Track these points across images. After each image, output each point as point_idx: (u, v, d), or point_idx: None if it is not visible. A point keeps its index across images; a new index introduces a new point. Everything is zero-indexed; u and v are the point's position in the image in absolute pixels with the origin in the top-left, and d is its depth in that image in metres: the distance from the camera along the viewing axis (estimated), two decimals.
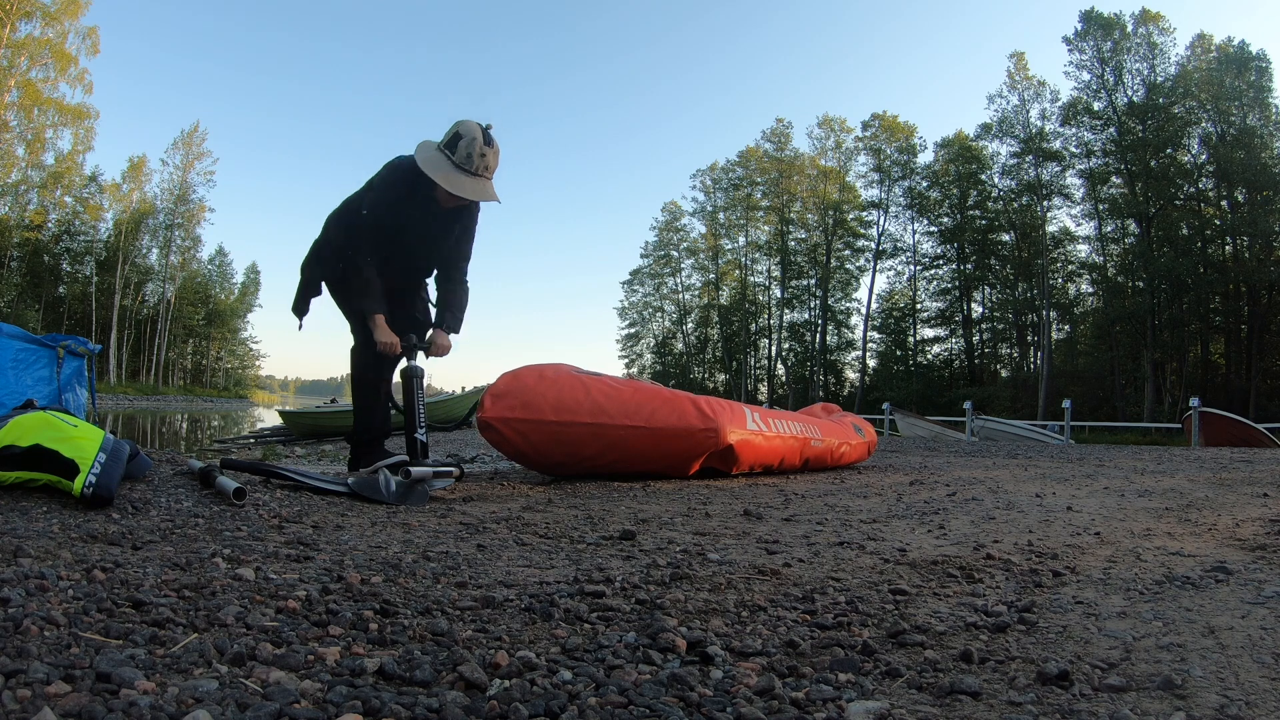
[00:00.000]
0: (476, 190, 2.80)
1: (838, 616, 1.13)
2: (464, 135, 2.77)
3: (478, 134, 2.78)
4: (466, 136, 2.77)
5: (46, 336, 3.55)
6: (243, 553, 1.44)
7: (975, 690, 0.83)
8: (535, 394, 3.07)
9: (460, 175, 2.77)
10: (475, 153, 2.77)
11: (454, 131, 2.81)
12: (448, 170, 2.77)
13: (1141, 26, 30.69)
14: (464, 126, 2.80)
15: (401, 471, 2.60)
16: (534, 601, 1.17)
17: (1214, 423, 13.01)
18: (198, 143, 44.59)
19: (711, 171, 44.91)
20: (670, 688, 0.83)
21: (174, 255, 45.41)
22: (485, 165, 2.81)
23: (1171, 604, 1.21)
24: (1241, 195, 28.40)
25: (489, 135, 2.81)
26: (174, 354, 49.20)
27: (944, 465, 4.95)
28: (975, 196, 36.96)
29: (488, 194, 2.84)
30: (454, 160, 2.78)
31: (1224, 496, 2.95)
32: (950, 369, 38.30)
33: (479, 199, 2.85)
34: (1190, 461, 5.53)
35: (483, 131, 2.80)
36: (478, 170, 2.79)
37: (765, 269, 44.05)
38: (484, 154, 2.78)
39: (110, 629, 0.90)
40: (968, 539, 1.88)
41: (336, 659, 0.87)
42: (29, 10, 30.89)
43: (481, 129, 2.80)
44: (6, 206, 36.45)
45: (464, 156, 2.77)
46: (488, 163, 2.81)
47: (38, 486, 1.90)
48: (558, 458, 3.18)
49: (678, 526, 2.04)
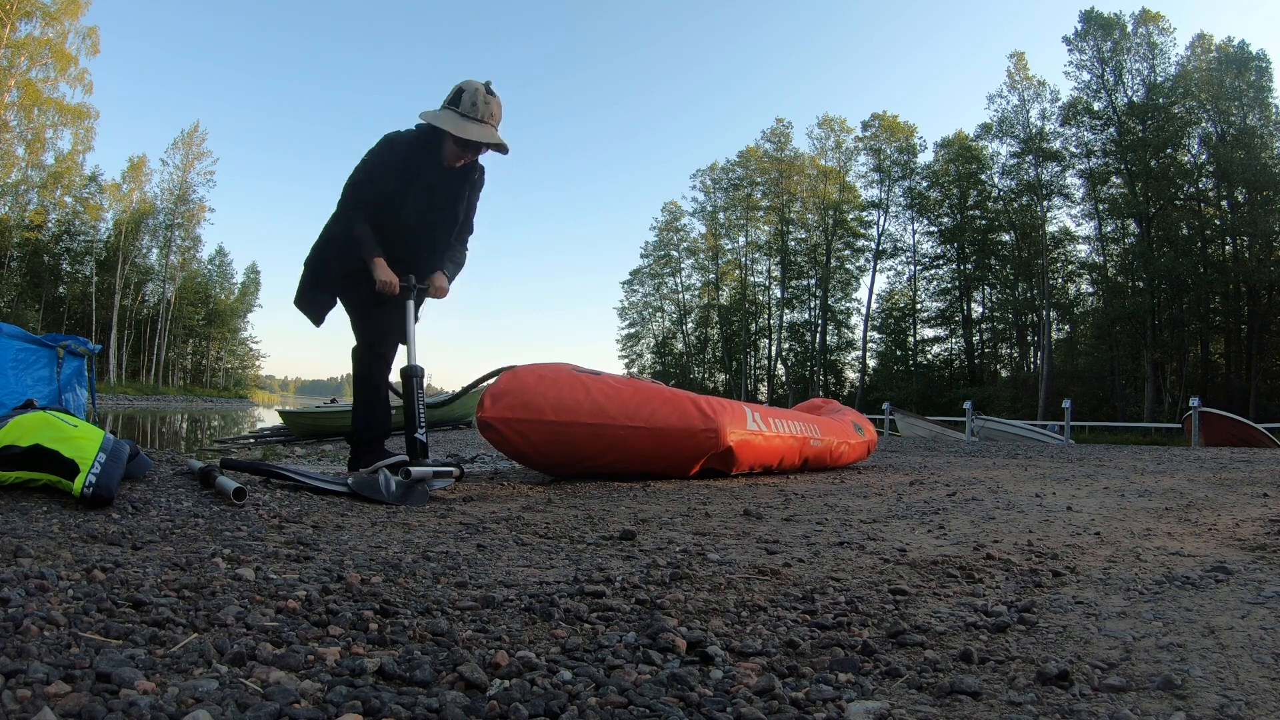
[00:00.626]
0: (483, 134, 2.85)
1: (838, 616, 1.13)
2: (466, 89, 2.85)
3: (480, 86, 2.86)
4: (469, 89, 2.85)
5: (46, 336, 3.55)
6: (243, 553, 1.44)
7: (975, 690, 0.83)
8: (535, 394, 3.06)
9: (467, 122, 2.83)
10: (480, 101, 2.84)
11: (456, 88, 2.88)
12: (454, 119, 2.83)
13: (1141, 26, 30.71)
14: (466, 83, 2.88)
15: (401, 471, 2.60)
16: (534, 601, 1.17)
17: (1214, 423, 13.01)
18: (198, 143, 44.65)
19: (711, 171, 44.96)
20: (670, 688, 0.83)
21: (174, 255, 45.44)
22: (490, 113, 2.87)
23: (1171, 604, 1.21)
24: (1241, 195, 28.40)
25: (490, 88, 2.88)
26: (174, 354, 49.20)
27: (944, 465, 4.95)
28: (975, 196, 36.99)
29: (494, 137, 2.89)
30: (459, 111, 2.84)
31: (1224, 496, 2.94)
32: (950, 369, 38.31)
33: (486, 140, 2.88)
34: (1190, 461, 5.53)
35: (484, 85, 2.88)
36: (483, 117, 2.85)
37: (765, 269, 44.11)
38: (488, 101, 2.85)
39: (110, 629, 0.90)
40: (968, 539, 1.88)
41: (336, 659, 0.87)
42: (29, 10, 30.90)
43: (483, 83, 2.88)
44: (6, 206, 36.48)
45: (469, 105, 2.83)
46: (492, 110, 2.87)
47: (38, 486, 1.90)
48: (558, 458, 3.17)
49: (678, 526, 2.04)
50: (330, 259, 3.10)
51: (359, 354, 3.10)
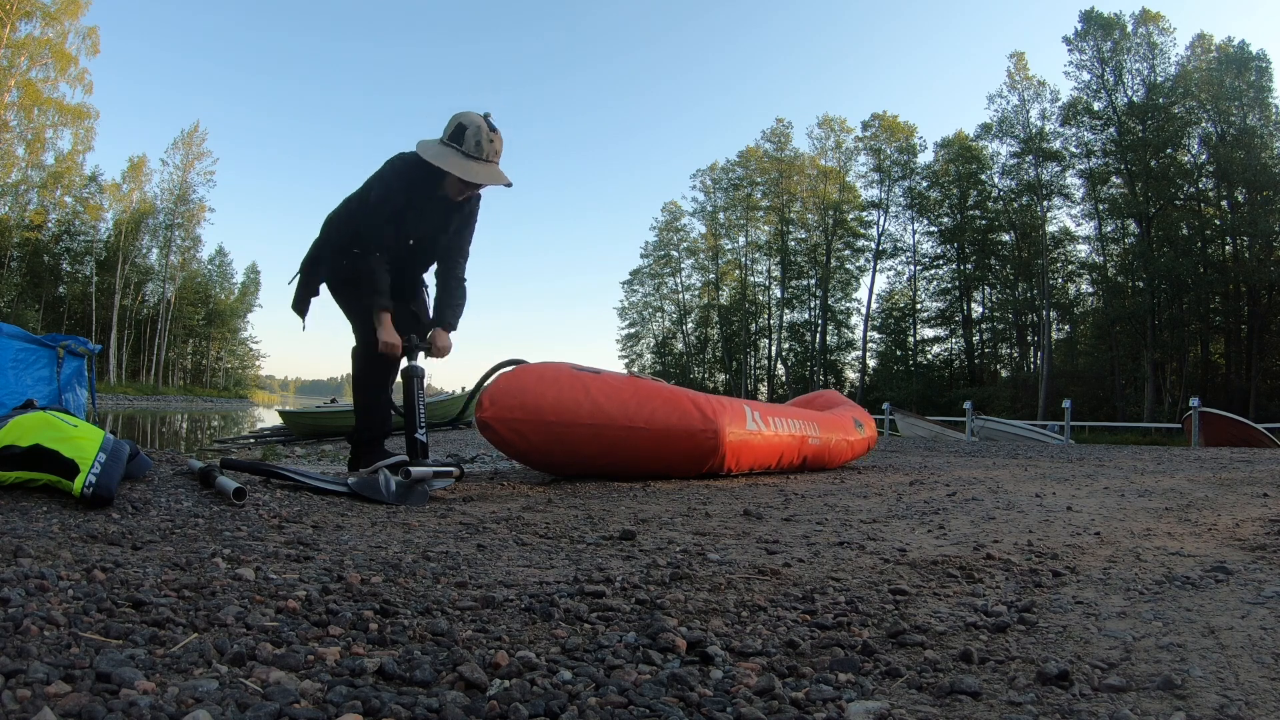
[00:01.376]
0: (489, 175, 2.88)
1: (838, 616, 1.13)
2: (468, 125, 2.84)
3: (482, 122, 2.86)
4: (471, 126, 2.84)
5: (46, 336, 3.54)
6: (243, 553, 1.44)
7: (975, 690, 0.83)
8: (534, 394, 3.05)
9: (471, 163, 2.84)
10: (484, 139, 2.84)
11: (456, 123, 2.86)
12: (459, 159, 2.83)
13: (1141, 26, 30.70)
14: (465, 117, 2.87)
15: (401, 471, 2.60)
16: (534, 601, 1.17)
17: (1214, 423, 13.01)
18: (198, 143, 44.65)
19: (711, 171, 44.94)
20: (670, 688, 0.83)
21: (174, 255, 45.43)
22: (494, 150, 2.89)
23: (1171, 604, 1.21)
24: (1241, 195, 28.39)
25: (491, 123, 2.88)
26: (174, 354, 49.19)
27: (944, 465, 4.95)
28: (975, 196, 36.98)
29: (500, 178, 2.91)
30: (462, 150, 2.84)
31: (1224, 496, 2.94)
32: (950, 369, 38.30)
33: (493, 183, 2.91)
34: (1190, 461, 5.53)
35: (485, 120, 2.88)
36: (487, 156, 2.87)
37: (765, 269, 44.10)
38: (491, 139, 2.86)
39: (110, 629, 0.90)
40: (968, 539, 1.88)
41: (336, 659, 0.87)
42: (29, 10, 30.90)
43: (483, 117, 2.88)
44: (6, 206, 36.47)
45: (472, 145, 2.83)
46: (495, 148, 2.89)
47: (38, 486, 1.90)
48: (559, 458, 3.17)
49: (678, 526, 2.04)
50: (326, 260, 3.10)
51: (359, 353, 3.10)
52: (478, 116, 2.87)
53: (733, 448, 3.35)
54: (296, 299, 3.16)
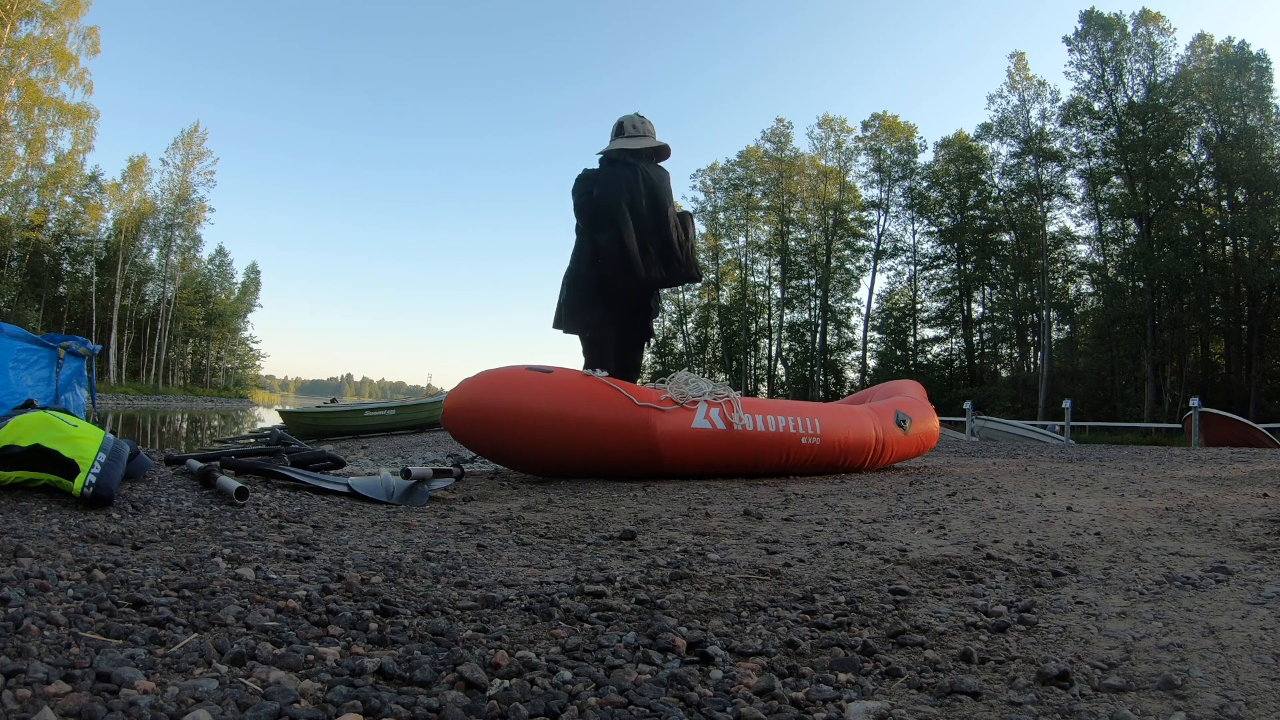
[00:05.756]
0: (647, 141, 3.98)
1: (838, 616, 1.13)
2: (624, 121, 4.00)
3: (632, 115, 4.03)
4: (626, 121, 4.00)
5: (47, 336, 3.54)
6: (243, 553, 1.44)
7: (975, 690, 0.83)
8: (481, 396, 3.17)
9: (635, 139, 3.95)
10: (638, 122, 4.01)
11: (617, 124, 4.01)
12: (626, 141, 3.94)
13: (1141, 27, 30.68)
14: (622, 118, 4.02)
15: (401, 471, 2.60)
16: (534, 601, 1.17)
17: (1214, 423, 13.01)
18: (198, 143, 44.60)
19: (711, 171, 44.88)
20: (670, 688, 0.83)
21: (174, 255, 45.40)
22: (647, 129, 4.03)
23: (1171, 604, 1.21)
24: (1241, 195, 28.38)
25: (640, 114, 4.05)
26: (174, 354, 49.14)
27: (944, 465, 4.95)
28: (975, 196, 36.97)
29: (655, 141, 4.01)
30: (625, 135, 3.98)
31: (1224, 496, 2.94)
32: (950, 369, 38.27)
33: (650, 144, 3.98)
34: (1190, 461, 5.53)
35: (635, 114, 4.04)
36: (644, 133, 4.02)
37: (765, 269, 44.04)
38: (643, 120, 4.03)
39: (110, 629, 0.90)
40: (968, 539, 1.88)
41: (336, 659, 0.87)
42: (29, 10, 30.89)
43: (633, 113, 4.04)
44: (6, 206, 36.41)
45: (631, 130, 4.00)
46: (648, 128, 4.04)
47: (38, 486, 1.90)
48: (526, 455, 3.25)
49: (678, 526, 2.04)
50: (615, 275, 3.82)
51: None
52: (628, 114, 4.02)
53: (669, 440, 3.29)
54: (569, 316, 3.97)
